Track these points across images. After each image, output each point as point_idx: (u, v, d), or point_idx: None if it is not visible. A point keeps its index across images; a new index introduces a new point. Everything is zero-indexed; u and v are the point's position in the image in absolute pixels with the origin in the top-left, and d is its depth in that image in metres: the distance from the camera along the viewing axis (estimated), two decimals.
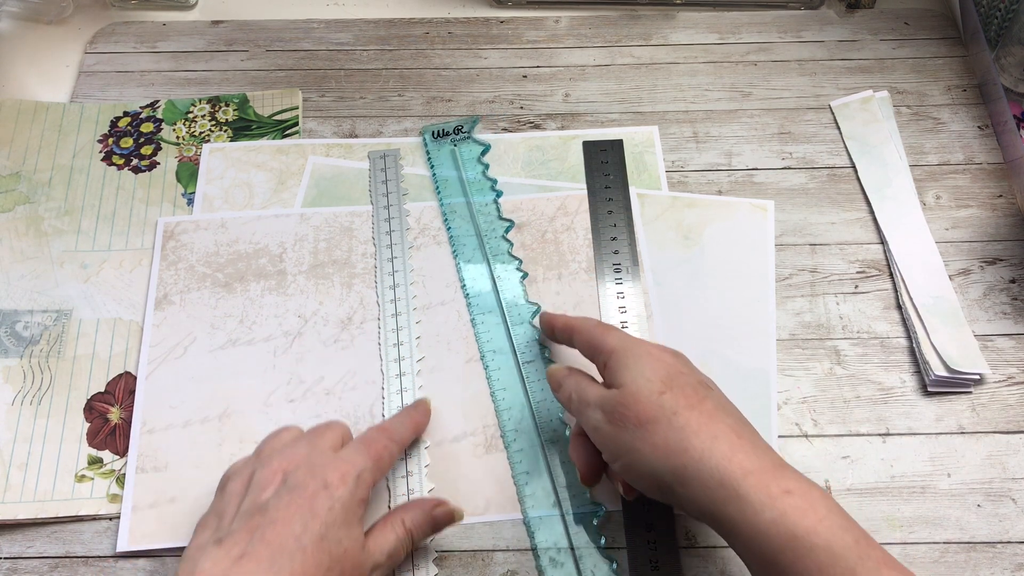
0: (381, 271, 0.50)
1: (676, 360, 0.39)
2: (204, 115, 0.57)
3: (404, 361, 0.47)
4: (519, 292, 0.49)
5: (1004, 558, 0.42)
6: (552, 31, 0.62)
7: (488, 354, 0.48)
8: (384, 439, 0.41)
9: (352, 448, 0.39)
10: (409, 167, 0.54)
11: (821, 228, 0.53)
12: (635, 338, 0.40)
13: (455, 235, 0.51)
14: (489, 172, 0.54)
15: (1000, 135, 0.56)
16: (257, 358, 0.48)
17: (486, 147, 0.55)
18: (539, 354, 0.47)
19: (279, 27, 0.62)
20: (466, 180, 0.53)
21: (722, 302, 0.50)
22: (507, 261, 0.50)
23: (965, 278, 0.51)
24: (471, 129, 0.55)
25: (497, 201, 0.52)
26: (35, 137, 0.56)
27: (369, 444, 0.40)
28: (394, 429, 0.42)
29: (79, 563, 0.43)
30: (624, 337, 0.40)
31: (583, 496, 0.43)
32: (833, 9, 0.63)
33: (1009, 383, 0.47)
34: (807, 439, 0.46)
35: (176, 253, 0.51)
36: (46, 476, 0.44)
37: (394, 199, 0.52)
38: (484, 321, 0.48)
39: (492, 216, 0.51)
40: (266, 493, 0.37)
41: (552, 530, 0.43)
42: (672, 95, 0.58)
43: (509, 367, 0.47)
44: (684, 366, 0.38)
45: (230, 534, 0.35)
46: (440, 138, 0.55)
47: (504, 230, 0.51)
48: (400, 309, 0.49)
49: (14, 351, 0.48)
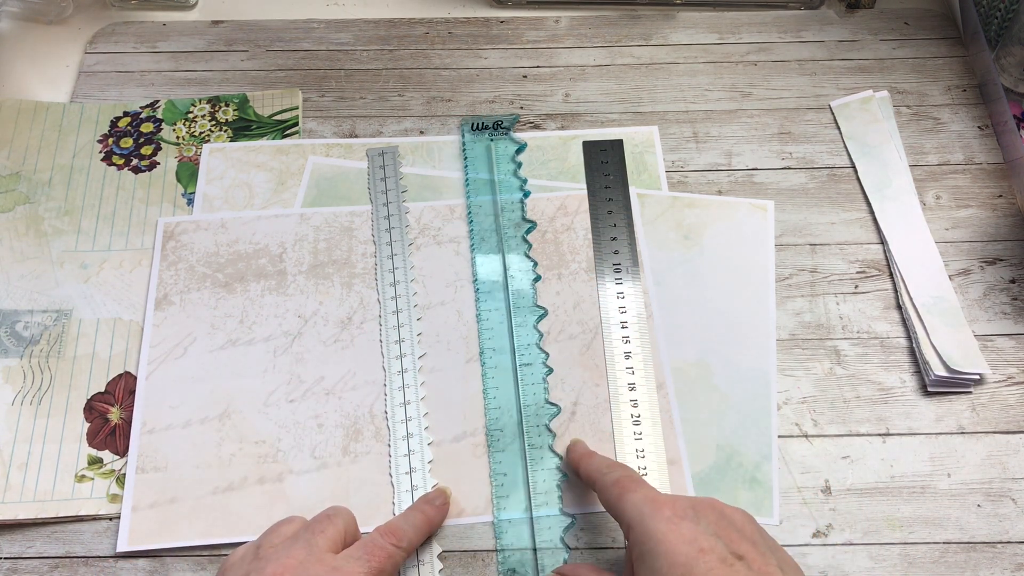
0: (381, 268, 0.50)
1: (698, 532, 0.34)
2: (204, 115, 0.57)
3: (406, 358, 0.47)
4: (529, 294, 0.49)
5: (1004, 558, 0.42)
6: (552, 31, 0.62)
7: (487, 351, 0.48)
8: (389, 546, 0.38)
9: (351, 556, 0.37)
10: (408, 167, 0.54)
11: (821, 228, 0.53)
12: (653, 504, 0.35)
13: (476, 228, 0.51)
14: (521, 172, 0.54)
15: (1000, 135, 0.56)
16: (257, 358, 0.48)
17: (522, 145, 0.55)
18: (538, 358, 0.47)
19: (279, 27, 0.62)
20: (497, 176, 0.53)
21: (722, 302, 0.50)
22: (523, 261, 0.50)
23: (965, 278, 0.51)
24: (510, 126, 0.56)
25: (524, 201, 0.52)
26: (35, 137, 0.56)
27: (371, 553, 0.38)
28: (402, 532, 0.40)
29: (79, 563, 0.43)
30: (641, 508, 0.35)
31: (555, 505, 0.43)
32: (833, 9, 0.63)
33: (1009, 383, 0.47)
34: (807, 439, 0.46)
35: (176, 253, 0.51)
36: (46, 476, 0.44)
37: (393, 196, 0.52)
38: (489, 318, 0.48)
39: (516, 215, 0.51)
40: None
41: (519, 535, 0.43)
42: (672, 95, 0.58)
43: (505, 367, 0.47)
44: (708, 538, 0.34)
45: None
46: (478, 131, 0.55)
47: (525, 231, 0.51)
48: (401, 306, 0.49)
49: (14, 351, 0.48)
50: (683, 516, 0.34)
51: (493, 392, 0.46)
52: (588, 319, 0.49)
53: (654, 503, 0.35)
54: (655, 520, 0.34)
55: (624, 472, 0.39)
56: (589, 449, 0.43)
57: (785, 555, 0.35)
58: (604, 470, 0.39)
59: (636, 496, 0.36)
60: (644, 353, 0.47)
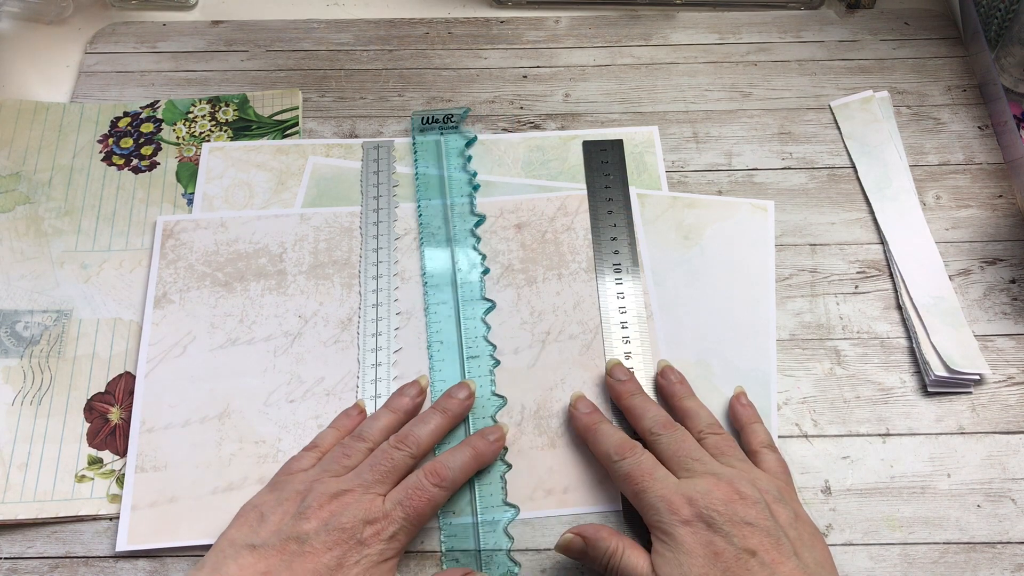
0: (365, 260, 0.50)
1: (711, 535, 0.37)
2: (204, 115, 0.57)
3: (381, 351, 0.47)
4: (477, 287, 0.49)
5: (1004, 558, 0.42)
6: (552, 31, 0.62)
7: (435, 344, 0.48)
8: (431, 488, 0.40)
9: (395, 500, 0.40)
10: (404, 167, 0.54)
11: (821, 228, 0.53)
12: (669, 505, 0.38)
13: (424, 223, 0.51)
14: (471, 166, 0.54)
15: (1000, 135, 0.56)
16: (257, 358, 0.48)
17: (472, 139, 0.55)
18: (485, 351, 0.47)
19: (279, 27, 0.62)
20: (446, 170, 0.53)
21: (722, 302, 0.50)
22: (472, 255, 0.50)
23: (965, 278, 0.51)
24: (460, 120, 0.55)
25: (473, 195, 0.52)
26: (35, 137, 0.56)
27: (413, 496, 0.40)
28: (446, 472, 0.41)
29: (79, 563, 0.43)
30: (657, 506, 0.38)
31: (499, 497, 0.43)
32: (833, 9, 0.63)
33: (1009, 383, 0.47)
34: (807, 439, 0.46)
35: (176, 252, 0.51)
36: (46, 476, 0.44)
37: (384, 190, 0.52)
38: (437, 311, 0.49)
39: (465, 209, 0.51)
40: (309, 524, 0.38)
41: (464, 534, 0.43)
42: (672, 95, 0.58)
43: (453, 359, 0.47)
44: (720, 540, 0.36)
45: (265, 546, 0.38)
46: (428, 124, 0.55)
47: (474, 224, 0.51)
48: (381, 299, 0.49)
49: (14, 351, 0.48)
50: (698, 516, 0.37)
51: (440, 385, 0.46)
52: (588, 319, 0.49)
53: (670, 504, 0.38)
54: (671, 525, 0.37)
55: (632, 459, 0.40)
56: (592, 413, 0.44)
57: (804, 530, 0.38)
58: (614, 456, 0.41)
59: (650, 496, 0.39)
60: (644, 353, 0.47)
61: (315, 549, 0.37)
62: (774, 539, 0.36)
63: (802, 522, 0.38)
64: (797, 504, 0.40)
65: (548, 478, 0.44)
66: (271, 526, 0.39)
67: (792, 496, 0.40)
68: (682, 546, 0.36)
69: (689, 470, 0.40)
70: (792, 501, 0.39)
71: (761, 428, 0.44)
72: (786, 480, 0.41)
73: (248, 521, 0.39)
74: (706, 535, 0.36)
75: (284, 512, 0.39)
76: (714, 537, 0.36)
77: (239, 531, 0.39)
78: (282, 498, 0.40)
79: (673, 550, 0.37)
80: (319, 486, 0.40)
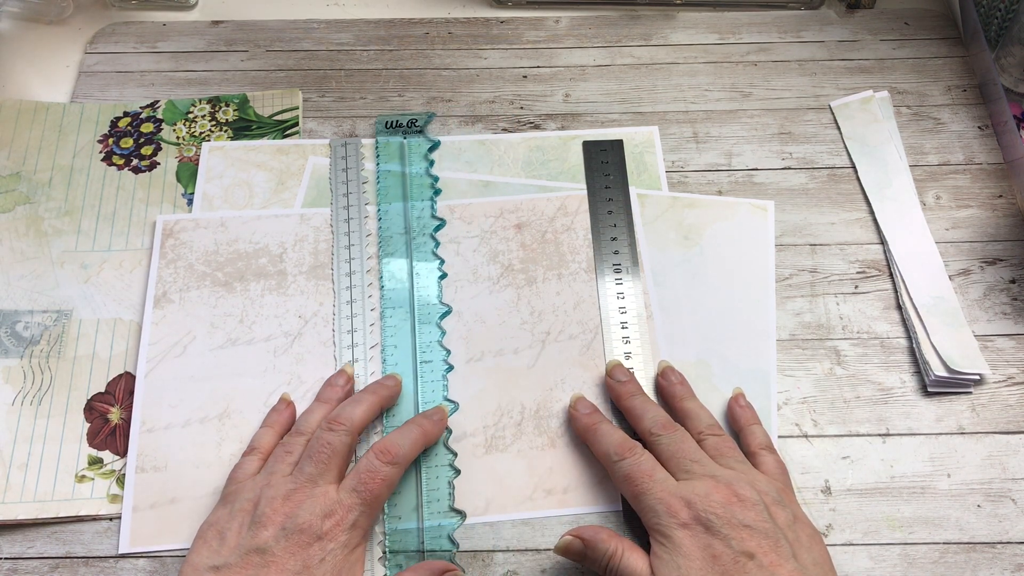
0: (337, 258, 0.50)
1: (710, 538, 0.37)
2: (204, 115, 0.57)
3: (357, 348, 0.48)
4: (434, 292, 0.49)
5: (1004, 558, 0.42)
6: (552, 31, 0.62)
7: (389, 348, 0.48)
8: (384, 467, 0.40)
9: (349, 487, 0.40)
10: (373, 164, 0.54)
11: (821, 228, 0.53)
12: (668, 508, 0.38)
13: (383, 226, 0.51)
14: (433, 170, 0.54)
15: (1000, 135, 0.56)
16: (257, 358, 0.48)
17: (435, 143, 0.55)
18: (438, 355, 0.47)
19: (279, 27, 0.62)
20: (408, 175, 0.53)
21: (722, 302, 0.50)
22: (429, 260, 0.50)
23: (965, 278, 0.51)
24: (424, 125, 0.55)
25: (434, 199, 0.52)
26: (35, 137, 0.56)
27: (365, 482, 0.40)
28: (397, 448, 0.41)
29: (79, 563, 0.43)
30: (656, 509, 0.38)
31: (446, 503, 0.43)
32: (833, 9, 0.63)
33: (1009, 383, 0.47)
34: (807, 439, 0.46)
35: (175, 251, 0.51)
36: (46, 476, 0.44)
37: (354, 187, 0.52)
38: (392, 315, 0.48)
39: (426, 214, 0.51)
40: (266, 532, 0.38)
41: (408, 538, 0.42)
42: (672, 95, 0.58)
43: (406, 363, 0.47)
44: (719, 543, 0.36)
45: (227, 565, 0.37)
46: (392, 129, 0.55)
47: (433, 228, 0.51)
48: (355, 296, 0.49)
49: (14, 351, 0.48)
50: (696, 519, 0.37)
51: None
52: (588, 319, 0.49)
53: (669, 507, 0.38)
54: (670, 528, 0.37)
55: (632, 459, 0.40)
56: (591, 413, 0.44)
57: (803, 531, 0.38)
58: (614, 456, 0.41)
59: (649, 499, 0.39)
60: (644, 353, 0.47)
61: (277, 557, 0.37)
62: (772, 541, 0.36)
63: (801, 524, 0.38)
64: (796, 506, 0.40)
65: (548, 478, 0.44)
66: (230, 543, 0.38)
67: (791, 498, 0.40)
68: (680, 549, 0.36)
69: (688, 472, 0.40)
70: (791, 503, 0.39)
71: (760, 430, 0.44)
72: (785, 482, 0.41)
73: (207, 542, 0.39)
74: (704, 538, 0.36)
75: (240, 524, 0.39)
76: (712, 540, 0.36)
77: (199, 555, 0.38)
78: (235, 510, 0.39)
79: (671, 553, 0.37)
80: (268, 491, 0.39)
